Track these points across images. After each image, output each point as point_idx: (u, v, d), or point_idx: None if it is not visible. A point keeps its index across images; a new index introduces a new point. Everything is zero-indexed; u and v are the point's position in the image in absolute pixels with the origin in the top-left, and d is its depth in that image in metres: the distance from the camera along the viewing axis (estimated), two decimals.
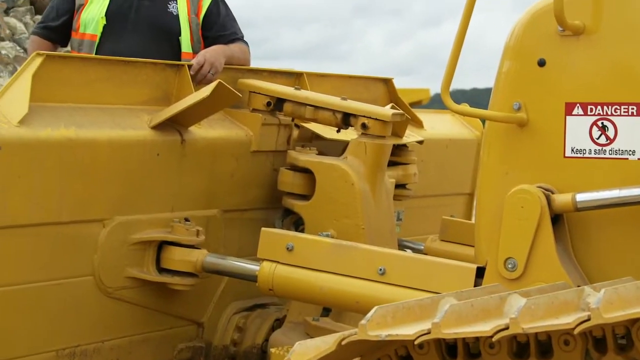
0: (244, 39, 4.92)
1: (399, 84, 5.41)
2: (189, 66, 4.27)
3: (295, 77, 4.77)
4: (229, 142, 4.24)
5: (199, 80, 4.32)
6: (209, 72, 4.37)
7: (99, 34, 4.74)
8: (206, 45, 4.76)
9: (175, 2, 4.82)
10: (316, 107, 4.34)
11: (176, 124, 4.02)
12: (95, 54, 4.70)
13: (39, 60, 3.64)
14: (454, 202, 5.68)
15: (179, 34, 4.78)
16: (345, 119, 4.31)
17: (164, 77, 4.14)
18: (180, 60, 4.66)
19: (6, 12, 21.61)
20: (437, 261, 3.72)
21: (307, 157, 4.26)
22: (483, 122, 4.40)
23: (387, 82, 5.31)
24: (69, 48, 4.96)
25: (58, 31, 4.91)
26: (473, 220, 4.13)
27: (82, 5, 4.79)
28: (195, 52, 4.75)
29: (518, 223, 3.32)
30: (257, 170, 4.39)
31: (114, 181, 3.80)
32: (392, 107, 4.69)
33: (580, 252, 3.35)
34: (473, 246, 3.65)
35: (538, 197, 3.29)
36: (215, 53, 4.48)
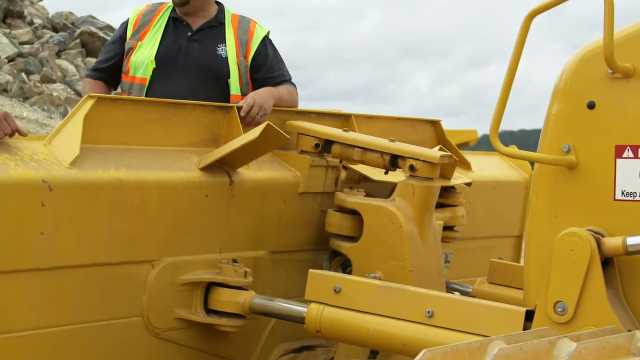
0: (292, 80, 4.95)
1: (446, 125, 5.41)
2: (238, 108, 4.30)
3: (343, 119, 4.79)
4: (277, 183, 4.25)
5: (248, 122, 4.34)
6: (257, 114, 4.39)
7: (148, 77, 4.79)
8: (255, 88, 4.78)
9: (224, 44, 4.86)
10: (364, 149, 4.34)
11: (225, 166, 4.04)
12: (145, 96, 4.74)
13: (90, 103, 3.68)
14: (502, 245, 5.64)
15: (228, 76, 4.81)
16: (393, 161, 4.31)
17: (213, 119, 4.17)
18: (228, 102, 4.69)
19: (58, 54, 21.93)
20: (485, 304, 3.69)
21: (354, 199, 4.26)
22: (532, 164, 4.37)
23: (434, 123, 5.31)
24: (119, 90, 5.02)
25: (108, 73, 4.98)
26: (522, 263, 4.10)
27: (131, 49, 4.85)
28: (243, 94, 4.78)
29: (568, 266, 3.30)
30: (304, 212, 4.39)
31: (163, 222, 3.82)
32: (440, 149, 4.69)
33: (630, 295, 3.31)
34: (522, 289, 3.62)
35: (588, 241, 3.26)
36: (264, 95, 4.50)
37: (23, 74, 19.73)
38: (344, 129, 4.47)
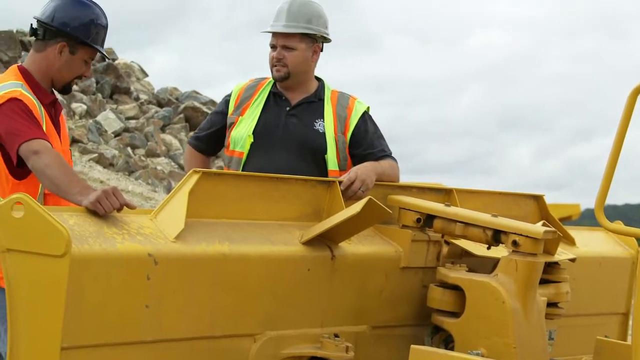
0: (392, 155, 4.95)
1: (547, 198, 5.35)
2: (340, 182, 4.33)
3: (444, 194, 4.78)
4: (379, 258, 4.25)
5: (349, 196, 4.36)
6: (359, 189, 4.41)
7: (246, 151, 4.84)
8: (354, 163, 4.79)
9: (322, 120, 4.89)
10: (466, 224, 4.32)
11: (327, 240, 4.06)
12: (243, 170, 4.80)
13: (195, 178, 3.74)
14: (608, 322, 5.52)
15: (325, 151, 4.83)
16: (496, 236, 4.28)
17: (315, 193, 4.20)
18: (326, 177, 4.72)
19: (162, 129, 22.37)
20: None
21: (457, 274, 4.24)
22: (638, 240, 4.30)
23: (537, 198, 5.26)
24: (222, 164, 5.10)
25: (207, 141, 5.07)
26: (629, 341, 4.01)
27: (232, 124, 4.92)
28: (341, 169, 4.80)
29: None
30: (406, 287, 4.37)
31: (265, 296, 3.84)
32: (544, 225, 4.63)
33: None
34: None
35: None
36: (366, 170, 4.52)
37: (129, 148, 20.18)
38: (446, 204, 4.46)
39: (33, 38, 4.32)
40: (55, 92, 4.37)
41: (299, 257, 3.94)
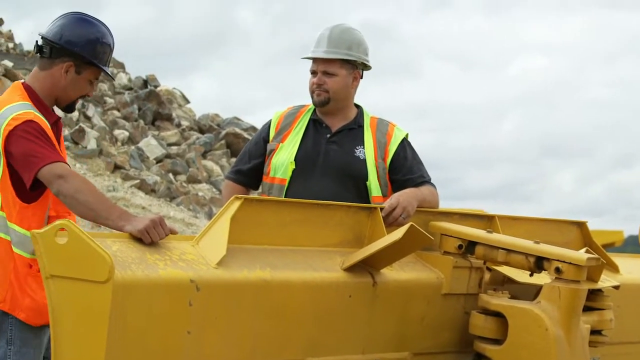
0: (432, 181, 4.94)
1: (590, 225, 5.32)
2: (381, 209, 4.33)
3: (486, 220, 4.76)
4: (421, 284, 4.24)
5: (390, 222, 4.35)
6: (400, 215, 4.41)
7: (288, 178, 4.84)
8: (394, 189, 4.79)
9: (362, 146, 4.89)
10: (508, 251, 4.30)
11: (368, 266, 4.05)
12: (285, 197, 4.80)
13: (237, 204, 3.76)
14: None
15: (366, 178, 4.83)
16: (539, 263, 4.25)
17: (356, 219, 4.21)
18: (368, 203, 4.72)
19: (203, 155, 22.50)
20: None
21: (499, 301, 4.21)
22: None
23: (580, 225, 5.23)
24: (260, 190, 5.10)
25: (249, 175, 5.04)
26: None
27: (272, 151, 4.92)
28: (383, 195, 4.80)
29: None
30: (448, 313, 4.36)
31: (307, 322, 3.84)
32: (587, 251, 4.60)
33: None
34: None
35: None
36: (408, 197, 4.51)
37: (170, 175, 20.31)
38: (488, 230, 4.44)
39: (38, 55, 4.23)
40: (56, 110, 4.31)
41: (340, 283, 3.94)
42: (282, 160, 4.86)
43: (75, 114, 20.07)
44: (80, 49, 4.16)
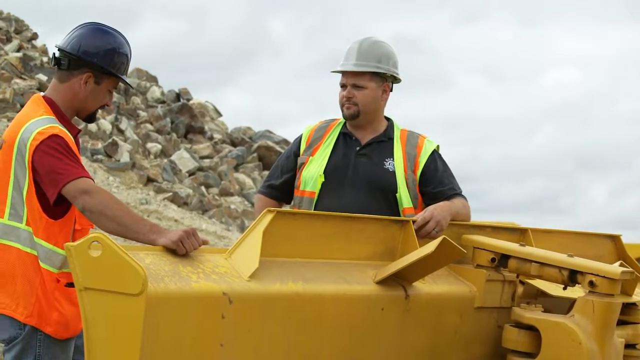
0: (462, 193, 4.93)
1: (624, 238, 5.28)
2: (414, 221, 4.32)
3: (519, 233, 4.74)
4: (453, 297, 4.23)
5: (423, 235, 4.35)
6: (433, 229, 4.39)
7: (317, 191, 4.85)
8: (424, 201, 4.79)
9: (391, 159, 4.88)
10: (542, 264, 4.28)
11: (401, 279, 4.05)
12: (314, 210, 4.80)
13: (269, 217, 3.76)
14: None
15: (396, 190, 4.82)
16: (572, 276, 4.23)
17: (389, 232, 4.20)
18: (398, 215, 4.73)
19: (235, 168, 22.57)
20: None
21: (532, 315, 4.19)
22: None
23: (614, 238, 5.20)
24: (292, 204, 5.10)
25: (281, 189, 5.05)
26: None
27: (303, 164, 4.93)
28: (413, 207, 4.79)
29: None
30: (480, 327, 4.34)
31: (339, 335, 3.84)
32: (621, 265, 4.58)
33: None
34: None
35: None
36: (442, 210, 4.50)
37: (203, 187, 20.38)
38: (521, 244, 4.42)
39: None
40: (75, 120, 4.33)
41: (373, 296, 3.93)
42: (312, 173, 4.87)
43: (109, 127, 20.20)
44: (99, 60, 4.17)
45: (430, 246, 3.92)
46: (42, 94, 4.27)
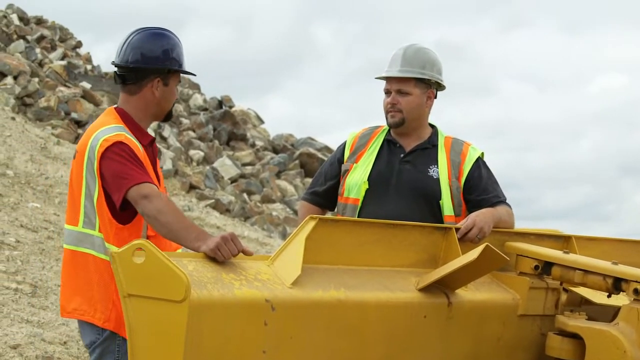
0: (507, 201, 4.90)
1: None
2: (457, 229, 4.30)
3: (563, 240, 4.71)
4: (496, 305, 4.21)
5: (466, 242, 4.32)
6: (476, 236, 4.37)
7: (361, 198, 4.84)
8: (468, 208, 4.76)
9: (435, 166, 4.86)
10: (585, 272, 4.25)
11: (443, 287, 4.04)
12: (358, 217, 4.80)
13: (312, 224, 3.76)
14: None
15: (439, 197, 4.80)
16: (617, 284, 4.20)
17: (431, 240, 4.19)
18: (441, 223, 4.70)
19: (277, 175, 22.61)
20: None
21: (576, 322, 4.16)
22: None
23: None
24: (335, 211, 5.10)
25: (325, 196, 5.05)
26: None
27: (347, 171, 4.93)
28: (456, 215, 4.77)
29: None
30: (524, 335, 4.32)
31: (381, 342, 3.83)
32: None
33: None
34: None
35: None
36: (485, 217, 4.47)
37: (245, 194, 20.43)
38: (564, 251, 4.40)
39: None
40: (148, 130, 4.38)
41: (415, 303, 3.93)
42: (356, 180, 4.86)
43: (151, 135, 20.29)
44: (162, 63, 4.24)
45: (473, 253, 3.91)
46: (114, 106, 4.36)
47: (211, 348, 3.35)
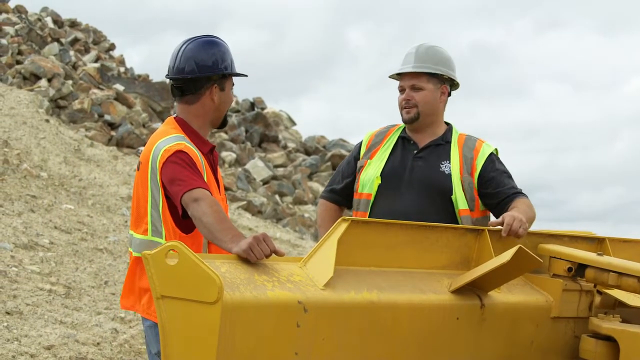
0: (523, 192, 4.87)
1: None
2: (489, 231, 4.28)
3: (597, 242, 4.69)
4: (529, 307, 4.19)
5: (511, 235, 4.27)
6: (520, 227, 4.31)
7: (373, 193, 4.88)
8: (485, 202, 4.78)
9: (447, 161, 4.88)
10: (620, 274, 4.22)
11: (476, 289, 4.03)
12: (370, 212, 4.84)
13: (344, 226, 3.77)
14: None
15: (451, 192, 4.81)
16: None
17: (464, 241, 4.18)
18: (454, 218, 4.73)
19: (309, 176, 22.62)
20: None
21: (610, 325, 4.14)
22: None
23: None
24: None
25: (342, 194, 5.09)
26: None
27: (362, 167, 4.98)
28: (470, 209, 4.77)
29: None
30: (557, 337, 4.30)
31: (414, 344, 3.83)
32: None
33: None
34: None
35: None
36: (517, 213, 4.40)
37: (277, 196, 20.46)
38: (598, 253, 4.37)
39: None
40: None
41: (448, 305, 3.92)
42: (369, 175, 4.91)
43: None
44: (217, 69, 4.33)
45: (506, 255, 3.89)
46: (174, 115, 4.45)
47: (243, 349, 3.36)
